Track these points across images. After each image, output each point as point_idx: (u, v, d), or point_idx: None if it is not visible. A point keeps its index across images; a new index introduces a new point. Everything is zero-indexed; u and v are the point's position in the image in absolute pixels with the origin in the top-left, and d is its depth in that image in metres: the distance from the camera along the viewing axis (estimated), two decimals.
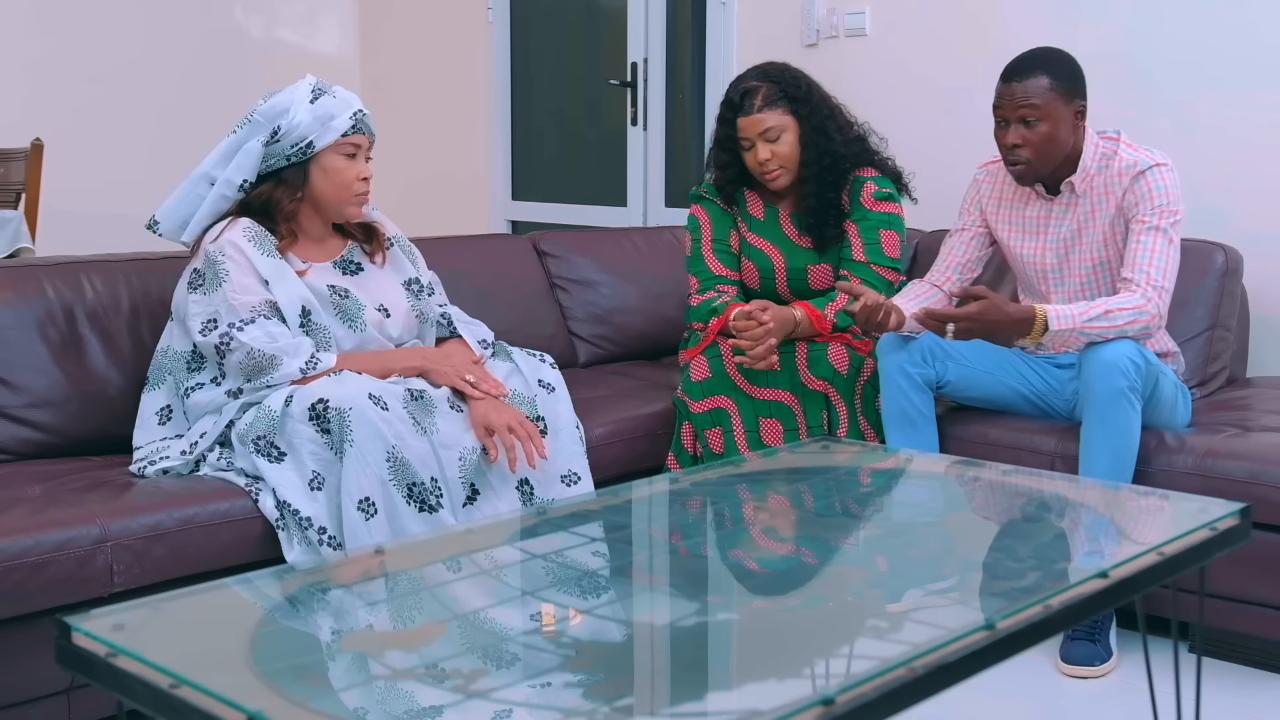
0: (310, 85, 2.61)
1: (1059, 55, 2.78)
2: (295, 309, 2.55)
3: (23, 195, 4.21)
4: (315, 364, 2.51)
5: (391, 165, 5.83)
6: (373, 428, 2.36)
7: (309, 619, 1.69)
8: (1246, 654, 2.63)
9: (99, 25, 5.07)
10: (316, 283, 2.61)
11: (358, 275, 2.69)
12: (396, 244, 2.80)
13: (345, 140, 2.59)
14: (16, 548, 2.11)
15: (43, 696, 2.17)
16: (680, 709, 1.42)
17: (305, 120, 2.56)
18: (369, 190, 2.65)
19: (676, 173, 4.81)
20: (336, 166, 2.60)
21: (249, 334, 2.50)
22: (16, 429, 2.62)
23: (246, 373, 2.51)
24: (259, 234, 2.57)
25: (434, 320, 2.79)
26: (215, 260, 2.53)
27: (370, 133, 2.65)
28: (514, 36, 5.32)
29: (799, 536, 2.06)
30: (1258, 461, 2.55)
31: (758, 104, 3.04)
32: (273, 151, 2.58)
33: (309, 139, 2.57)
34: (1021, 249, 2.92)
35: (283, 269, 2.56)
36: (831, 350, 2.98)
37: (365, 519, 2.34)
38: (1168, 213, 2.73)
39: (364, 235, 2.74)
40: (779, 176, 3.08)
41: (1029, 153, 2.75)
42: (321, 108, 2.58)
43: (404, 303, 2.72)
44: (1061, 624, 1.57)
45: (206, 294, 2.53)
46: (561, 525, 2.06)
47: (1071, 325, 2.63)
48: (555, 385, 2.74)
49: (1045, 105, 2.72)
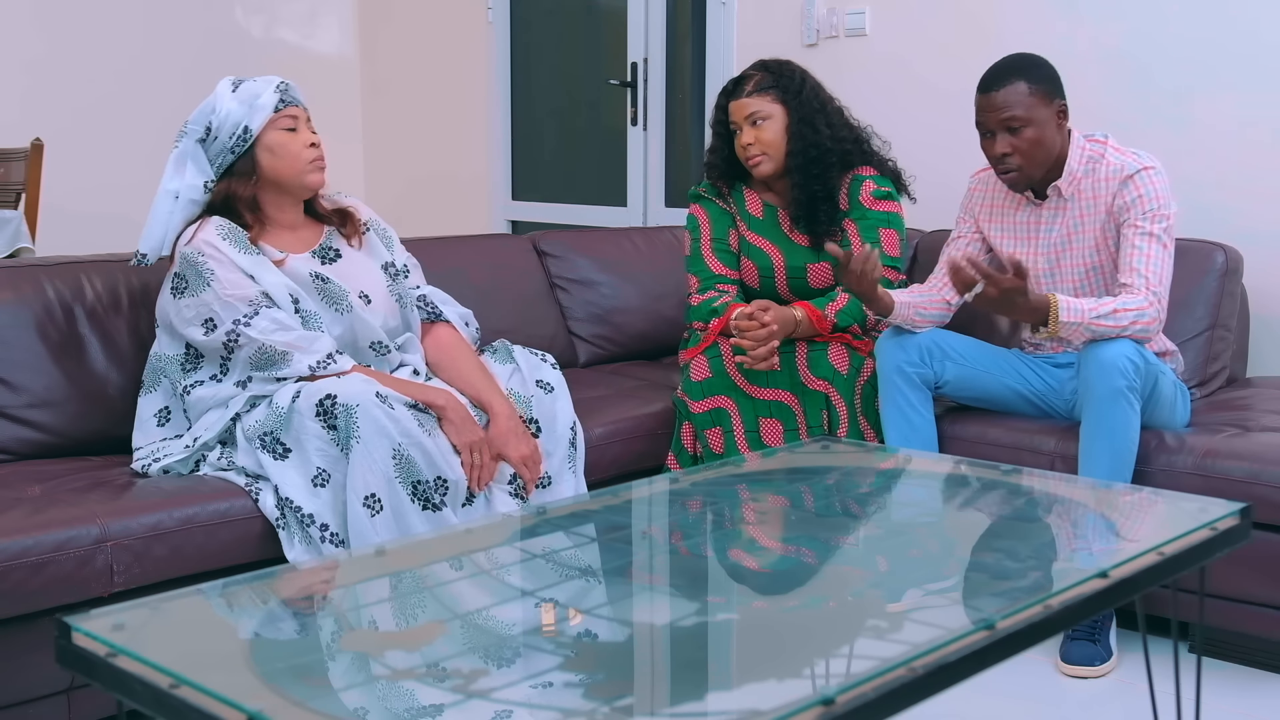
0: (229, 80, 2.63)
1: (1032, 59, 2.79)
2: (284, 297, 2.55)
3: (23, 195, 4.21)
4: (328, 365, 2.51)
5: (391, 165, 5.85)
6: (379, 425, 2.36)
7: (309, 619, 1.69)
8: (1246, 654, 2.63)
9: (99, 25, 5.07)
10: (297, 271, 2.61)
11: (337, 262, 2.69)
12: (372, 227, 2.80)
13: (279, 115, 2.60)
14: (16, 548, 2.11)
15: (43, 696, 2.17)
16: (680, 709, 1.42)
17: (233, 109, 2.58)
18: (321, 155, 2.65)
19: (676, 173, 4.81)
20: (280, 141, 2.60)
21: (257, 327, 2.50)
22: (16, 429, 2.62)
23: (256, 364, 2.51)
24: (231, 230, 2.57)
25: (412, 304, 2.79)
26: (195, 261, 2.52)
27: (300, 104, 2.65)
28: (514, 36, 5.32)
29: (799, 536, 2.06)
30: (1258, 461, 2.55)
31: (748, 89, 3.11)
32: (215, 150, 2.59)
33: (243, 124, 2.57)
34: (1013, 255, 2.91)
35: (261, 262, 2.57)
36: (831, 350, 2.98)
37: (370, 515, 2.34)
38: (1159, 216, 2.73)
39: (339, 220, 2.74)
40: (761, 163, 3.11)
41: (1019, 159, 2.76)
42: (244, 93, 2.59)
43: (383, 287, 2.73)
44: (1061, 624, 1.57)
45: (195, 295, 2.52)
46: (561, 525, 2.06)
47: (1081, 319, 2.63)
48: (555, 385, 2.75)
49: (1027, 110, 2.72)
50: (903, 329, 2.85)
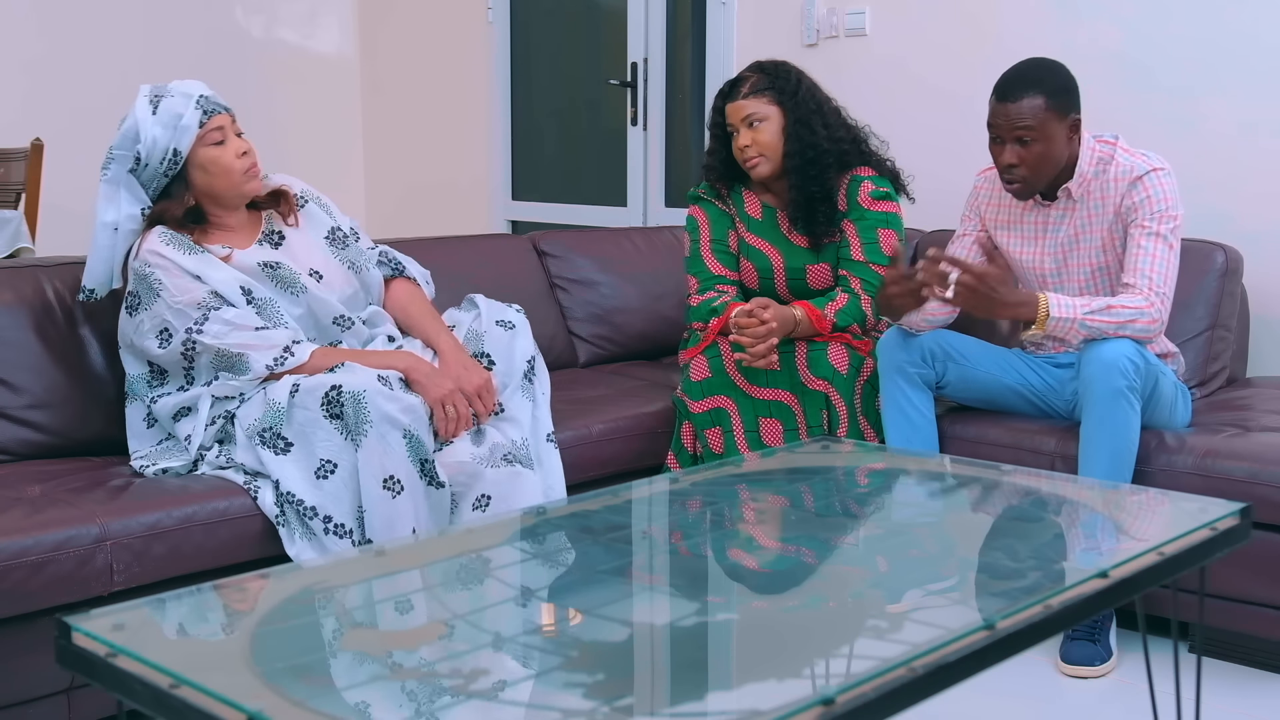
0: (146, 97, 2.58)
1: (1051, 68, 2.76)
2: (235, 293, 2.55)
3: (23, 195, 4.21)
4: (285, 360, 2.51)
5: (391, 166, 5.85)
6: (389, 410, 2.39)
7: (309, 618, 1.69)
8: (1246, 654, 2.63)
9: (99, 25, 5.07)
10: (245, 263, 2.60)
11: (282, 245, 2.69)
12: (309, 199, 2.80)
13: (205, 130, 2.56)
14: (16, 547, 2.12)
15: (43, 696, 2.17)
16: (680, 709, 1.42)
17: (157, 133, 2.54)
18: (255, 163, 2.62)
19: (676, 173, 4.81)
20: (211, 157, 2.58)
21: (209, 333, 2.50)
22: (16, 429, 2.62)
23: (218, 368, 2.53)
24: (173, 237, 2.56)
25: (369, 266, 2.79)
26: (144, 274, 2.53)
27: (223, 109, 2.61)
28: (514, 36, 5.32)
29: (799, 536, 2.06)
30: (1258, 461, 2.55)
31: (744, 91, 3.11)
32: (147, 176, 2.57)
33: (171, 148, 2.55)
34: (1021, 254, 2.92)
35: (207, 260, 2.56)
36: (831, 350, 2.98)
37: (392, 496, 2.36)
38: (1167, 218, 2.73)
39: (273, 201, 2.74)
40: (759, 164, 3.11)
41: (1025, 171, 2.75)
42: (166, 113, 2.55)
43: (333, 260, 2.73)
44: (1061, 624, 1.57)
45: (148, 308, 2.53)
46: (561, 525, 2.06)
47: (1073, 315, 2.62)
48: (516, 325, 2.78)
49: (1040, 125, 2.70)
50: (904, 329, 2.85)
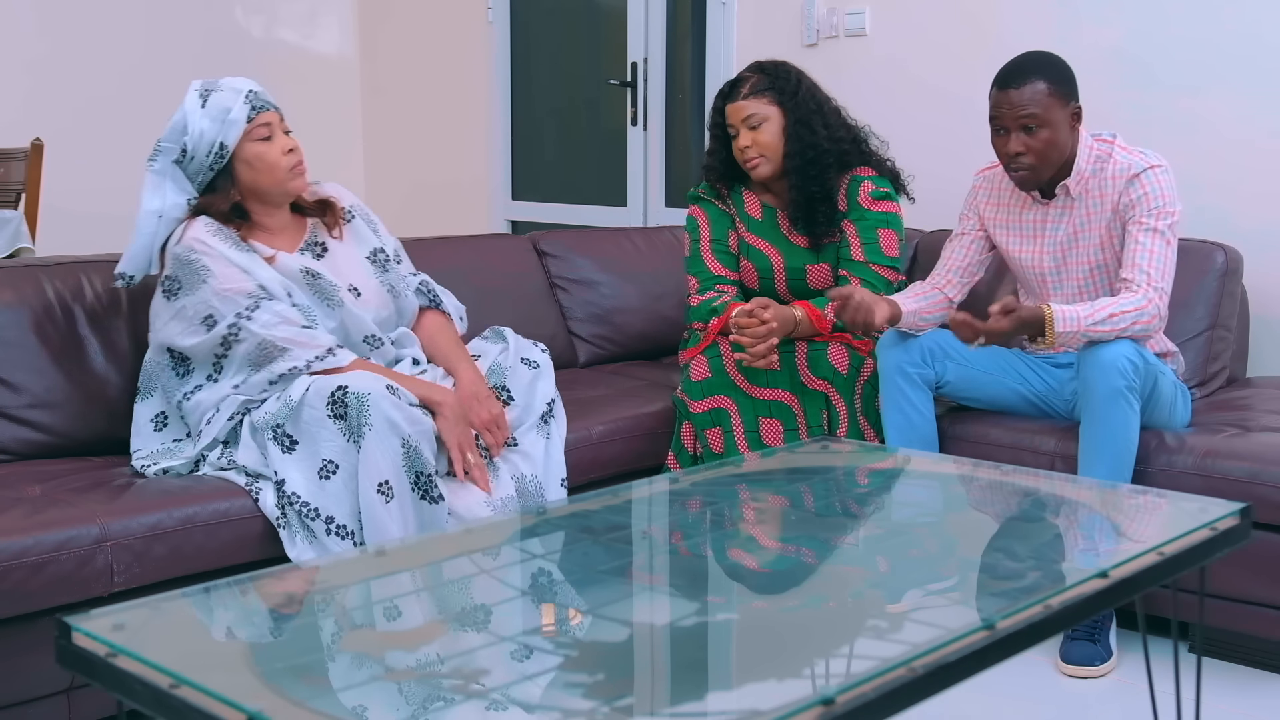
0: (196, 91, 2.59)
1: (1051, 59, 2.77)
2: (280, 293, 2.55)
3: (23, 195, 4.21)
4: (326, 359, 2.51)
5: (391, 166, 5.85)
6: (391, 415, 2.38)
7: (309, 619, 1.69)
8: (1246, 654, 2.63)
9: (99, 25, 5.07)
10: (289, 267, 2.60)
11: (325, 257, 2.69)
12: (356, 214, 2.80)
13: (253, 126, 2.57)
14: (16, 547, 2.12)
15: (43, 696, 2.17)
16: (680, 709, 1.42)
17: (204, 126, 2.54)
18: (301, 160, 2.63)
19: (676, 173, 4.81)
20: (257, 153, 2.58)
21: (259, 321, 2.49)
22: (16, 429, 2.62)
23: (254, 361, 2.50)
24: (219, 229, 2.56)
25: (407, 292, 2.79)
26: (188, 260, 2.52)
27: (272, 107, 2.61)
28: (514, 36, 5.32)
29: (799, 536, 2.06)
30: (1258, 461, 2.55)
31: (744, 92, 3.10)
32: (193, 169, 2.57)
33: (218, 141, 2.55)
34: (1020, 253, 2.92)
35: (252, 259, 2.56)
36: (831, 350, 2.98)
37: (385, 501, 2.36)
38: (1165, 214, 2.73)
39: (320, 211, 2.74)
40: (759, 165, 3.10)
41: (1032, 159, 2.75)
42: (214, 107, 2.56)
43: (373, 279, 2.73)
44: (1061, 624, 1.57)
45: (191, 293, 2.51)
46: (561, 525, 2.06)
47: (1077, 328, 2.62)
48: (541, 365, 2.78)
49: (1044, 111, 2.71)
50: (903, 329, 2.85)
